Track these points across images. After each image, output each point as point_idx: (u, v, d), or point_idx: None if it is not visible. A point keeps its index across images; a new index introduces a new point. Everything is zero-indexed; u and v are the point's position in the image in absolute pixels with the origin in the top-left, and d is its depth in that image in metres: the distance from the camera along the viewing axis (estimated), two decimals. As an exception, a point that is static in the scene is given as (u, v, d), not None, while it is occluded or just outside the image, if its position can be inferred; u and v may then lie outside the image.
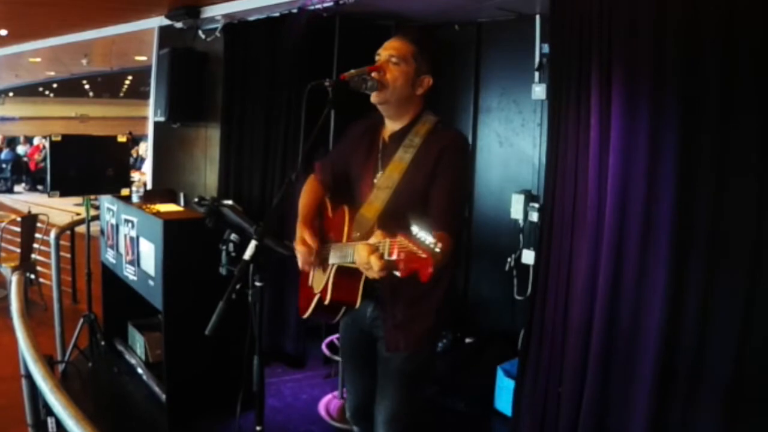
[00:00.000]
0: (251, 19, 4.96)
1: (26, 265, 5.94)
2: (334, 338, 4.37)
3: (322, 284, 2.27)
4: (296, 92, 4.51)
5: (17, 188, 17.79)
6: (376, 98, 2.22)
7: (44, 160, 13.86)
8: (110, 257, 4.52)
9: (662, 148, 2.81)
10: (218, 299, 1.93)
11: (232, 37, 5.14)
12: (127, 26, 6.52)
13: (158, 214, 3.78)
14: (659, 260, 2.85)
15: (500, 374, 3.97)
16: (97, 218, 4.71)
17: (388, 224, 1.88)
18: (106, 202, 4.54)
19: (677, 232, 2.79)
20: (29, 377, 2.46)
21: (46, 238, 6.18)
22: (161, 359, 3.87)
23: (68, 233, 5.60)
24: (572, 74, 3.19)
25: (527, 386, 3.51)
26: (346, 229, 2.21)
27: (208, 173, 5.80)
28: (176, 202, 4.33)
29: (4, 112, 23.57)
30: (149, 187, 6.09)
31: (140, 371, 4.28)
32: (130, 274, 4.11)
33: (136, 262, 3.98)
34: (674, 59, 2.76)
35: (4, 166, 17.75)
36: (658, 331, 2.85)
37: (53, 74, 14.42)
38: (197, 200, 3.51)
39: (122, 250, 4.22)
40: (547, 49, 3.95)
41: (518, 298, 4.41)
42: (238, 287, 1.96)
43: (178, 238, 3.62)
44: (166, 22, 5.76)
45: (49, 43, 8.15)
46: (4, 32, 7.52)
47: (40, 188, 16.89)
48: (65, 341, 4.46)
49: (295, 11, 4.52)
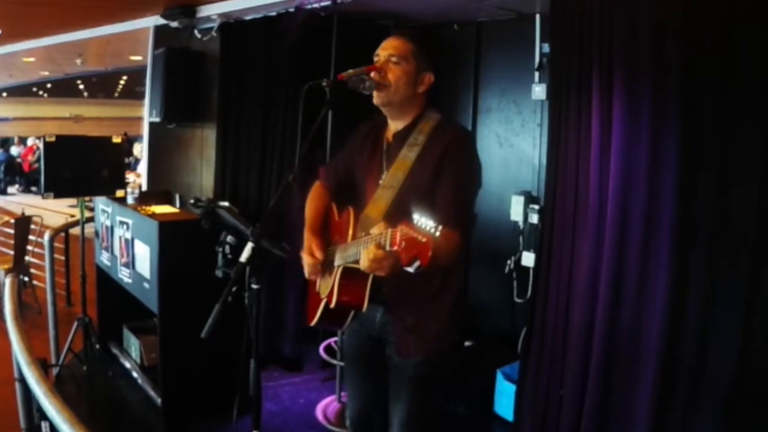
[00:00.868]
0: (248, 18, 4.96)
1: (20, 267, 5.93)
2: (332, 341, 4.37)
3: (327, 288, 2.26)
4: (293, 92, 4.50)
5: (11, 189, 17.81)
6: (378, 99, 2.22)
7: (38, 161, 13.86)
8: (105, 259, 4.51)
9: (664, 148, 2.81)
10: (214, 302, 1.93)
11: (228, 36, 5.14)
12: (122, 25, 6.52)
13: (153, 215, 3.78)
14: (661, 262, 2.85)
15: (500, 378, 3.97)
16: (91, 220, 4.70)
17: (393, 223, 1.89)
18: (100, 203, 4.54)
19: (679, 233, 2.80)
20: (23, 381, 2.46)
21: (40, 240, 6.16)
22: (156, 363, 3.87)
23: (62, 235, 5.60)
24: (573, 74, 3.19)
25: (528, 390, 3.51)
26: (350, 229, 2.21)
27: (204, 174, 5.80)
28: (172, 203, 4.33)
29: (-3, 112, 23.55)
30: (144, 188, 6.09)
31: (135, 375, 4.27)
32: (125, 276, 4.11)
33: (131, 264, 3.97)
34: (675, 59, 2.76)
35: (-3, 167, 17.75)
36: (659, 333, 2.85)
37: (47, 74, 14.40)
38: (193, 202, 3.50)
39: (117, 252, 4.22)
40: (547, 48, 3.95)
41: (518, 300, 4.40)
42: (234, 290, 1.96)
43: (173, 240, 3.62)
44: (161, 21, 5.76)
45: (43, 42, 8.15)
46: (-3, 32, 7.52)
47: (33, 189, 16.90)
48: (59, 344, 4.45)
49: (292, 10, 4.52)
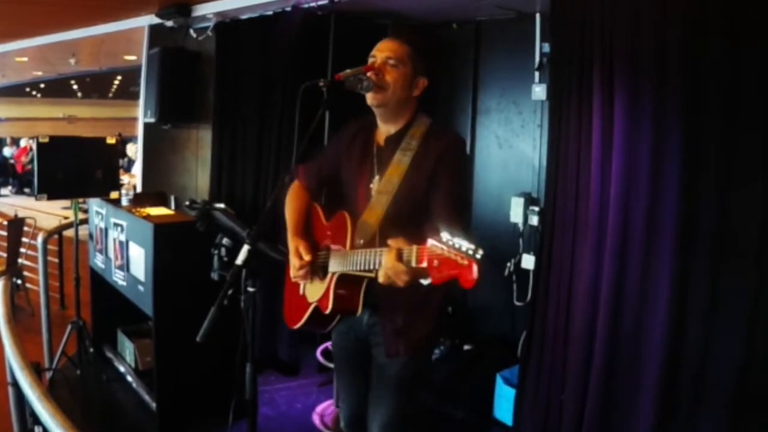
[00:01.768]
0: (244, 17, 4.96)
1: (13, 269, 5.92)
2: (328, 345, 4.36)
3: (319, 293, 2.27)
4: (290, 92, 4.51)
5: (3, 191, 17.78)
6: (374, 101, 2.22)
7: (31, 162, 13.83)
8: (99, 262, 4.51)
9: (666, 149, 2.82)
10: (210, 305, 1.92)
11: (224, 36, 5.14)
12: (116, 25, 6.51)
13: (148, 217, 3.78)
14: (663, 265, 2.85)
15: (499, 382, 3.96)
16: (85, 222, 4.70)
17: (390, 229, 1.88)
18: (94, 205, 4.53)
19: (681, 236, 2.80)
20: (16, 385, 2.46)
21: (33, 242, 6.14)
22: (151, 366, 3.86)
23: (56, 237, 5.60)
24: (573, 74, 3.19)
25: (528, 394, 3.51)
26: (348, 236, 2.21)
27: (199, 175, 5.79)
28: (167, 205, 4.32)
29: (-11, 112, 23.51)
30: (139, 189, 6.08)
31: (130, 379, 4.27)
32: (119, 279, 4.10)
33: (125, 266, 3.97)
34: (677, 58, 2.77)
35: (-10, 168, 17.75)
36: (662, 338, 2.85)
37: (40, 74, 14.37)
38: (188, 203, 3.49)
39: (111, 254, 4.21)
40: (547, 48, 3.96)
41: (518, 304, 4.41)
42: (230, 293, 1.96)
43: (168, 242, 3.61)
44: (156, 20, 5.75)
45: (36, 42, 8.13)
46: (-11, 31, 7.52)
47: (27, 191, 16.88)
48: (53, 348, 4.44)
49: (288, 9, 4.52)
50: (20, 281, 6.08)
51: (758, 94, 2.61)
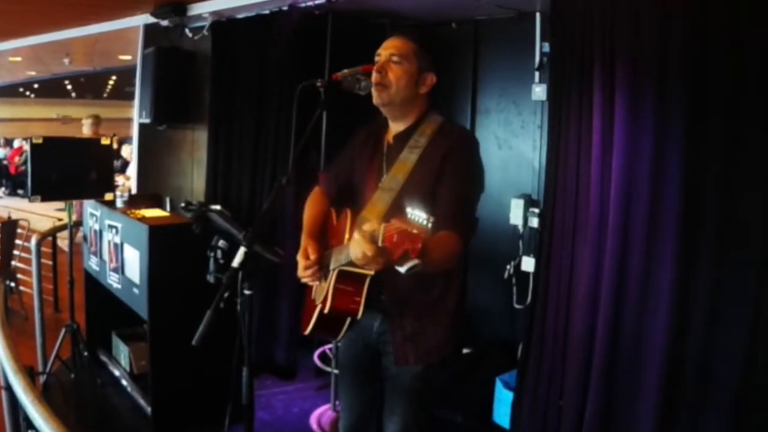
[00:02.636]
0: (240, 17, 4.96)
1: (6, 272, 5.92)
2: (326, 349, 4.37)
3: (323, 293, 2.26)
4: (287, 93, 4.50)
5: (-4, 193, 17.74)
6: (379, 99, 2.22)
7: (25, 163, 13.82)
8: (93, 264, 4.51)
9: (667, 150, 2.82)
10: (206, 308, 1.92)
11: (220, 35, 5.14)
12: (110, 24, 6.52)
13: (143, 219, 3.78)
14: (664, 268, 2.85)
15: (499, 386, 3.96)
16: (79, 224, 4.69)
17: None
18: (89, 207, 4.53)
19: (683, 238, 2.80)
20: (9, 389, 2.45)
21: (26, 244, 6.15)
22: (146, 370, 3.86)
23: (50, 239, 5.59)
24: (574, 74, 3.20)
25: (527, 398, 3.51)
26: (347, 232, 2.21)
27: (195, 177, 5.79)
28: (162, 207, 4.32)
29: (-18, 113, 23.50)
30: (134, 191, 6.08)
31: (124, 383, 4.26)
32: (114, 281, 4.10)
33: (120, 269, 3.97)
34: (679, 57, 2.77)
35: (-17, 169, 17.72)
36: (663, 341, 2.85)
37: (34, 74, 14.39)
38: (184, 205, 3.49)
39: (106, 257, 4.21)
40: (547, 48, 3.95)
41: (518, 306, 4.40)
42: (226, 296, 1.96)
43: (164, 244, 3.61)
44: (151, 20, 5.76)
45: (29, 41, 8.14)
46: (-18, 30, 7.52)
47: (20, 192, 16.84)
48: (47, 352, 4.43)
49: (285, 9, 4.52)
50: (14, 284, 6.07)
51: (761, 92, 2.61)
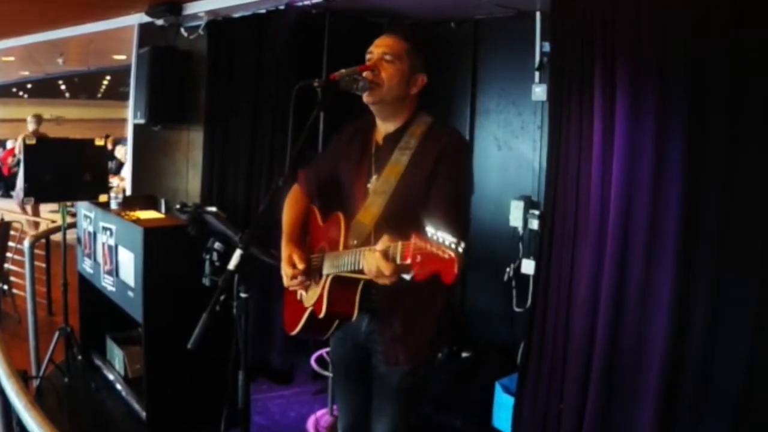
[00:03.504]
0: (236, 16, 4.96)
1: (-2, 275, 5.92)
2: (323, 352, 4.35)
3: (314, 297, 2.26)
4: (283, 93, 4.50)
5: (-11, 194, 17.72)
6: (369, 98, 2.22)
7: (18, 164, 13.81)
8: (87, 267, 4.50)
9: (668, 151, 2.82)
10: (201, 311, 1.92)
11: (215, 35, 5.13)
12: (105, 23, 6.50)
13: (138, 221, 3.78)
14: (665, 271, 2.86)
15: (498, 390, 3.96)
16: (73, 226, 4.69)
17: (385, 230, 1.88)
18: (83, 208, 4.53)
19: (684, 241, 2.80)
20: (2, 393, 2.45)
21: (19, 246, 6.14)
22: (141, 374, 3.86)
23: (43, 241, 5.58)
24: (574, 74, 3.20)
25: (526, 402, 3.51)
26: (342, 236, 2.21)
27: (190, 178, 5.79)
28: (157, 208, 4.32)
29: (-25, 114, 23.45)
30: (128, 192, 6.07)
31: (119, 387, 4.26)
32: (108, 284, 4.10)
33: (114, 272, 3.96)
34: (680, 57, 2.78)
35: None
36: (663, 345, 2.86)
37: (27, 74, 14.36)
38: (179, 207, 3.50)
39: (100, 259, 4.21)
40: (547, 47, 3.95)
41: (517, 310, 4.41)
42: (222, 299, 1.96)
43: (158, 246, 3.62)
44: (146, 19, 5.75)
45: (22, 41, 8.13)
46: (-26, 30, 7.51)
47: (13, 194, 16.82)
48: (40, 355, 4.43)
49: (282, 8, 4.52)
50: (7, 287, 6.07)
51: (761, 92, 2.62)
